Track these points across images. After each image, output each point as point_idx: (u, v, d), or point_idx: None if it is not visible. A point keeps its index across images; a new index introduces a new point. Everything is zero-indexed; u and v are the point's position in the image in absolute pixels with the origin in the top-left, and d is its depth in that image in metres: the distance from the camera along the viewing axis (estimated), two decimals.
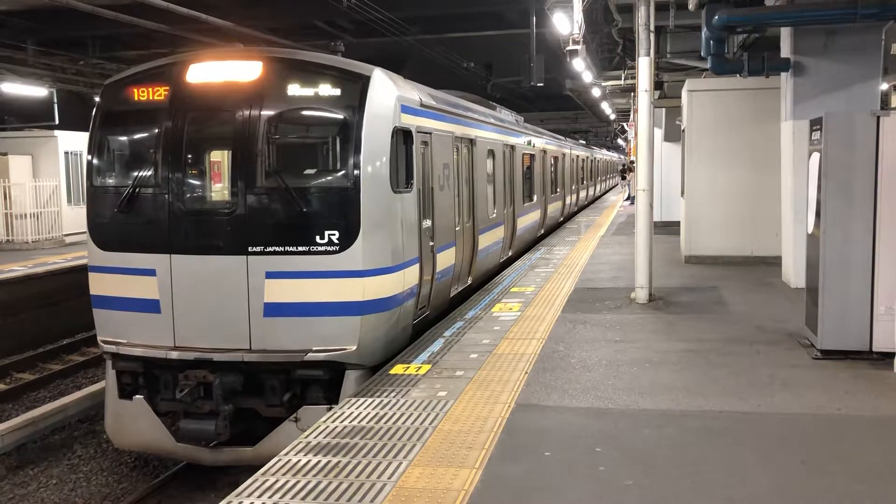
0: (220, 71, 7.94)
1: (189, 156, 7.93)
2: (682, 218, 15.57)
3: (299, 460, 5.28)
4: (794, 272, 11.47)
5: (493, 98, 20.58)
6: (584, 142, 45.24)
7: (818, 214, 7.77)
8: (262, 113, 7.71)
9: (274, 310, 7.60)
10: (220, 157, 8.13)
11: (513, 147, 15.45)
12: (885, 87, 15.62)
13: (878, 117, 7.47)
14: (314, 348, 7.52)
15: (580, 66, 17.64)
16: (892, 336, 7.32)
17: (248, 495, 4.75)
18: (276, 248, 7.58)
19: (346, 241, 7.52)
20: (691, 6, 11.60)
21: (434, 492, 4.73)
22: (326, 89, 7.77)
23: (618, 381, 7.01)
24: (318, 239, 7.54)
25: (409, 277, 8.35)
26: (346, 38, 20.08)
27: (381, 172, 7.76)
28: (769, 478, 4.91)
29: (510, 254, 15.26)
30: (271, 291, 7.58)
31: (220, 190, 8.02)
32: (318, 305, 7.58)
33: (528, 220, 17.57)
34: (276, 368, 7.63)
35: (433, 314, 9.64)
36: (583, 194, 32.91)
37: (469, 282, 11.65)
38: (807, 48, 11.48)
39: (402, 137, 8.24)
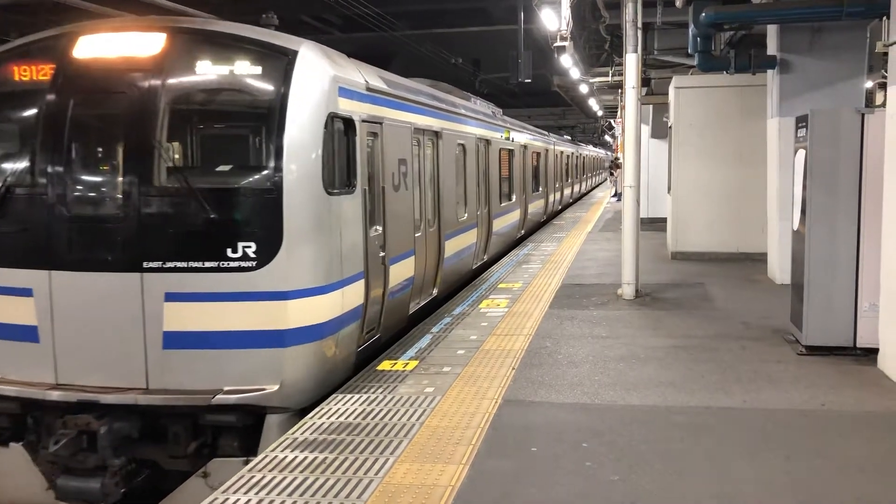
0: (115, 45, 6.51)
1: (73, 149, 6.46)
2: (669, 214, 15.63)
3: (286, 456, 5.26)
4: (779, 268, 11.53)
5: (480, 94, 20.52)
6: (568, 137, 44.01)
7: (803, 211, 7.82)
8: (162, 96, 6.33)
9: (175, 340, 6.21)
10: (111, 151, 6.64)
11: (488, 142, 14.11)
12: (869, 84, 15.72)
13: (863, 115, 7.52)
14: (226, 388, 6.14)
15: (568, 63, 17.65)
16: (875, 332, 7.38)
17: (234, 492, 4.74)
18: (178, 264, 6.19)
19: (266, 255, 6.15)
20: (678, 3, 11.63)
21: (421, 488, 4.73)
22: (243, 67, 6.41)
23: (604, 377, 7.03)
24: (230, 252, 6.15)
25: (350, 297, 6.95)
26: (334, 33, 20.05)
27: (311, 170, 6.36)
28: (754, 472, 4.94)
29: (485, 258, 14.02)
30: (172, 318, 6.19)
31: (110, 191, 6.45)
32: (231, 335, 6.19)
33: (506, 221, 16.18)
34: (179, 412, 6.25)
35: (386, 336, 8.25)
36: (567, 192, 31.55)
37: (434, 293, 10.33)
38: (793, 46, 11.55)
39: (341, 127, 6.92)
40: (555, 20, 13.95)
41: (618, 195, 31.45)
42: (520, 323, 9.24)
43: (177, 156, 6.65)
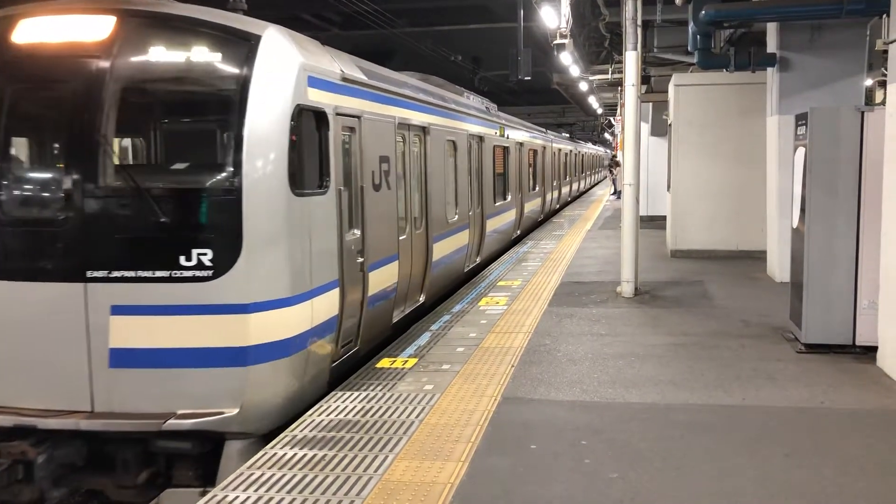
0: (59, 29, 5.89)
1: (9, 143, 5.95)
2: (668, 212, 15.63)
3: (285, 453, 5.26)
4: (778, 266, 11.54)
5: (480, 91, 20.51)
6: (567, 134, 42.91)
7: (803, 209, 7.82)
8: (110, 86, 5.72)
9: (124, 358, 5.65)
10: (52, 147, 6.14)
11: (481, 138, 13.43)
12: (869, 82, 15.71)
13: (863, 113, 7.52)
14: (179, 412, 5.61)
15: (567, 60, 17.65)
16: (875, 330, 7.38)
17: (234, 489, 4.74)
18: (127, 273, 5.60)
19: (223, 264, 5.57)
20: (678, 1, 11.65)
21: (420, 485, 4.73)
22: (200, 53, 5.84)
23: (604, 375, 7.03)
24: (183, 260, 5.58)
25: (322, 308, 6.35)
26: (333, 30, 20.04)
27: (275, 168, 5.74)
28: (753, 470, 4.94)
29: (478, 261, 13.35)
30: (120, 333, 5.63)
31: (50, 191, 5.84)
32: (185, 353, 5.64)
33: (501, 221, 15.46)
34: (129, 438, 5.71)
35: (366, 349, 7.66)
36: (566, 190, 30.80)
37: (421, 300, 9.68)
38: (793, 43, 11.54)
39: (312, 121, 6.34)
40: (554, 18, 13.95)
41: (617, 193, 31.49)
42: (519, 321, 9.24)
43: (125, 152, 6.15)
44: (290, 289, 5.91)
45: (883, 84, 11.27)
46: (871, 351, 7.42)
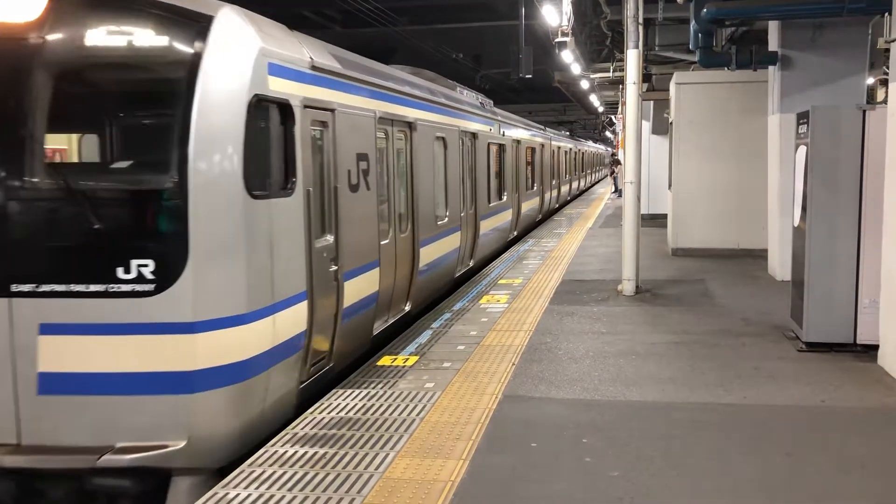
0: None
1: None
2: (670, 210, 15.62)
3: (286, 451, 5.27)
4: (779, 265, 11.53)
5: (481, 90, 20.49)
6: (567, 132, 41.95)
7: (804, 208, 7.82)
8: (39, 72, 5.09)
9: (54, 384, 5.01)
10: None
11: (475, 135, 12.78)
12: (871, 81, 15.70)
13: (864, 111, 7.52)
14: (118, 445, 4.99)
15: (569, 58, 17.65)
16: (876, 328, 7.38)
17: (235, 486, 4.74)
18: (57, 287, 4.96)
19: (167, 276, 4.95)
20: None
21: (421, 483, 4.74)
22: (144, 36, 5.16)
23: (604, 373, 7.03)
24: (121, 273, 4.94)
25: (286, 324, 5.72)
26: (334, 28, 20.04)
27: (228, 166, 5.12)
28: (754, 469, 4.94)
29: (471, 264, 12.67)
30: (49, 355, 4.99)
31: None
32: (124, 378, 5.00)
33: (496, 222, 14.75)
34: (60, 474, 5.06)
35: (342, 365, 7.09)
36: (565, 189, 29.99)
37: (406, 309, 9.06)
38: (794, 42, 11.53)
39: (275, 113, 5.71)
40: (556, 16, 13.96)
41: (618, 191, 31.50)
42: (520, 319, 9.24)
43: (56, 148, 5.49)
44: (247, 304, 5.24)
45: (884, 83, 11.27)
46: (872, 349, 7.42)
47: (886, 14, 7.57)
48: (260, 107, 5.45)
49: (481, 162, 13.30)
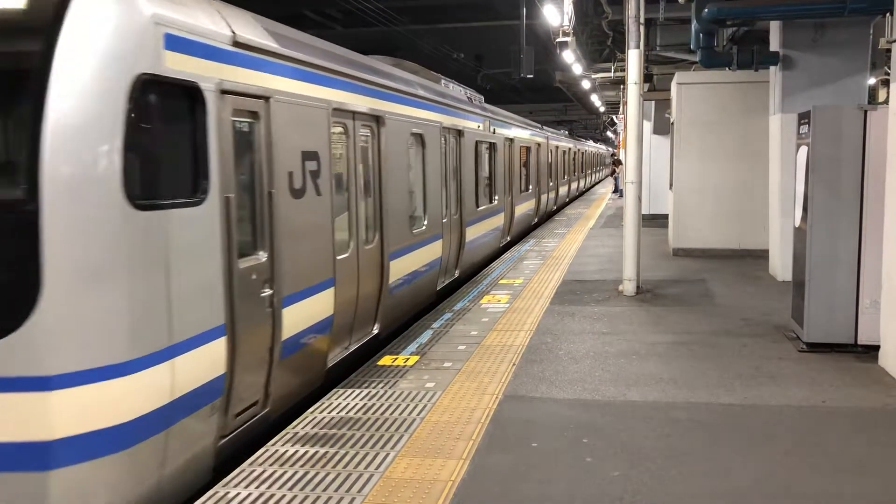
0: None
1: None
2: (671, 211, 15.62)
3: (286, 450, 5.27)
4: (780, 265, 11.53)
5: (482, 90, 20.47)
6: (565, 131, 40.18)
7: (805, 208, 7.81)
8: None
9: None
10: None
11: (461, 132, 11.75)
12: (872, 81, 15.70)
13: (866, 111, 7.51)
14: None
15: (570, 58, 17.68)
16: (877, 329, 7.38)
17: (235, 485, 4.74)
18: None
19: (13, 316, 3.87)
20: None
21: (421, 482, 4.74)
22: None
23: (605, 373, 7.03)
24: None
25: (195, 369, 4.62)
26: (335, 27, 20.05)
27: (100, 167, 4.02)
28: (755, 469, 4.94)
29: (456, 274, 11.68)
30: None
31: None
32: None
33: (486, 227, 13.70)
34: None
35: (282, 408, 6.00)
36: (564, 190, 28.98)
37: (375, 331, 7.97)
38: (796, 42, 11.53)
39: (177, 99, 4.62)
40: (557, 16, 13.97)
41: (619, 191, 31.51)
42: (521, 319, 9.24)
43: None
44: (129, 348, 4.09)
45: (886, 83, 11.27)
46: (872, 350, 7.41)
47: (888, 14, 7.56)
48: (150, 90, 4.28)
49: (468, 162, 12.32)
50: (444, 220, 10.71)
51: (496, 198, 14.72)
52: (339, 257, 6.83)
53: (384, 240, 8.10)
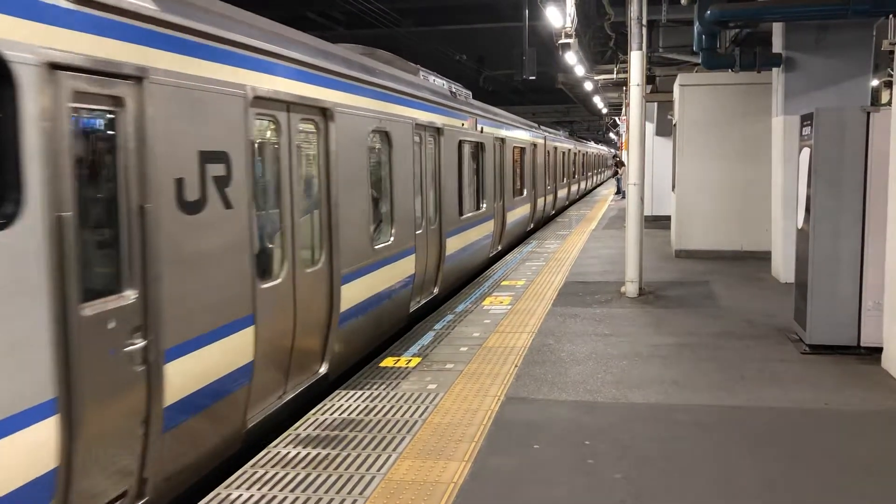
0: None
1: None
2: (673, 212, 15.61)
3: (288, 452, 5.27)
4: (783, 267, 11.51)
5: (484, 91, 20.47)
6: (565, 132, 37.61)
7: (808, 210, 7.80)
8: None
9: None
10: None
11: (439, 130, 10.39)
12: (875, 83, 15.69)
13: (868, 113, 7.50)
14: None
15: (572, 60, 17.65)
16: (880, 331, 7.36)
17: (237, 487, 4.74)
18: None
19: None
20: (684, 1, 11.62)
21: (423, 484, 4.73)
22: None
23: (607, 375, 7.02)
24: None
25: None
26: (338, 29, 20.07)
27: None
28: (757, 471, 4.93)
29: (435, 291, 10.38)
30: None
31: None
32: None
33: (472, 237, 12.36)
34: None
35: (176, 492, 4.74)
36: (563, 194, 27.50)
37: (322, 371, 6.70)
38: (798, 44, 11.52)
39: None
40: (559, 17, 13.95)
41: (621, 193, 31.51)
42: (523, 320, 9.23)
43: None
44: None
45: (889, 84, 11.26)
46: (875, 352, 7.40)
47: (891, 16, 7.58)
48: None
49: (449, 164, 10.95)
50: (418, 232, 9.41)
51: (484, 204, 13.48)
52: (262, 286, 5.52)
53: (333, 260, 6.67)
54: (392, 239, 8.43)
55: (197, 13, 4.86)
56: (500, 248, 15.35)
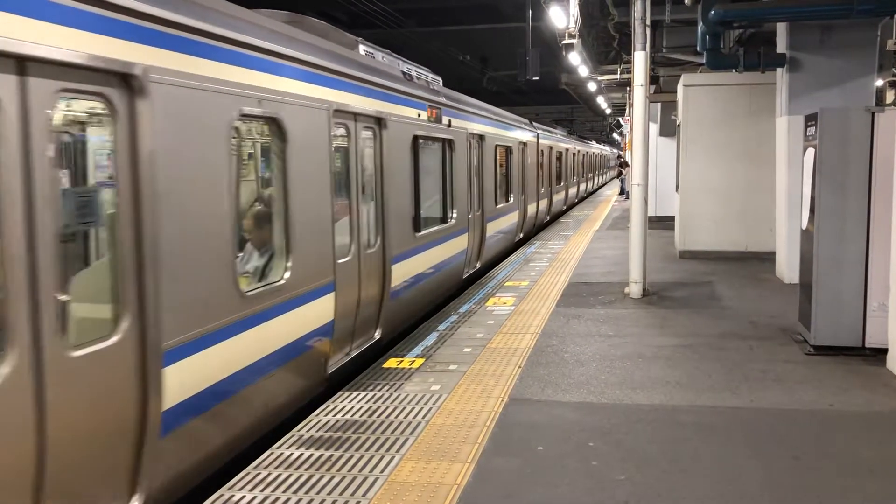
0: None
1: None
2: (677, 213, 15.59)
3: (291, 453, 5.26)
4: (787, 268, 11.49)
5: (488, 92, 20.45)
6: (560, 129, 31.62)
7: (812, 210, 7.78)
8: None
9: None
10: None
11: (381, 121, 7.96)
12: (879, 83, 15.64)
13: (873, 113, 7.48)
14: None
15: (576, 61, 17.65)
16: (885, 332, 7.34)
17: (240, 488, 4.73)
18: None
19: None
20: (687, 1, 11.60)
21: (426, 486, 4.72)
22: None
23: (611, 376, 7.01)
24: None
25: None
26: (340, 29, 20.10)
27: None
28: (761, 473, 4.91)
29: (377, 336, 7.90)
30: None
31: None
32: None
33: (435, 258, 9.95)
34: None
35: None
36: (559, 197, 24.87)
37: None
38: (802, 44, 11.50)
39: None
40: (563, 17, 13.95)
41: (625, 193, 31.49)
42: (526, 321, 9.22)
43: None
44: None
45: (894, 84, 11.21)
46: (880, 353, 7.38)
47: (895, 16, 7.55)
48: None
49: (396, 165, 8.41)
50: (345, 260, 7.00)
51: (454, 215, 11.04)
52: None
53: (148, 327, 4.25)
54: (301, 272, 6.08)
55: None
56: (478, 265, 12.88)
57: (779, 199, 12.25)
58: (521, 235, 17.60)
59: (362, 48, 8.57)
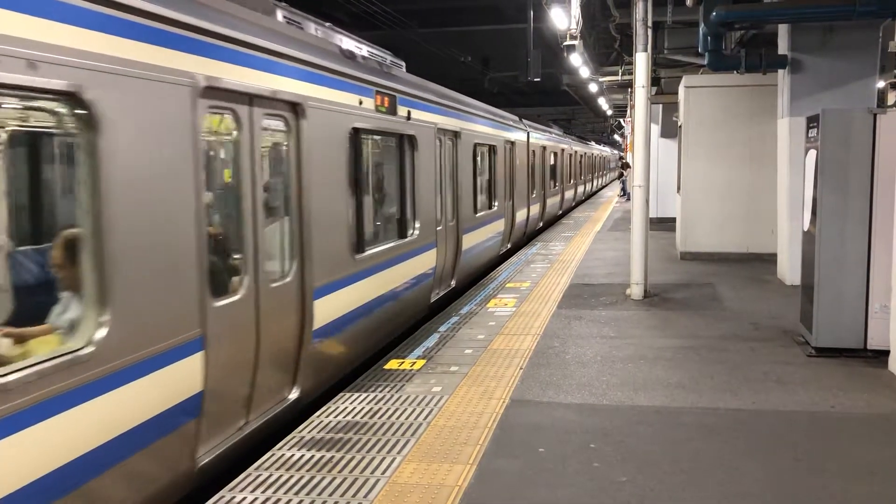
0: None
1: None
2: (678, 214, 15.59)
3: (292, 455, 5.26)
4: (789, 269, 11.48)
5: (489, 93, 20.44)
6: (556, 127, 30.18)
7: (814, 212, 7.78)
8: None
9: None
10: None
11: (295, 107, 6.14)
12: (881, 84, 15.65)
13: (875, 115, 7.47)
14: None
15: (577, 62, 17.66)
16: (886, 334, 7.33)
17: (241, 490, 4.73)
18: None
19: None
20: (689, 2, 11.61)
21: (428, 487, 4.72)
22: None
23: (612, 378, 7.01)
24: None
25: None
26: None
27: None
28: (763, 474, 4.91)
29: (294, 393, 6.18)
30: None
31: None
32: None
33: (389, 283, 8.23)
34: None
35: None
36: (554, 201, 23.15)
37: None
38: (804, 45, 11.49)
39: None
40: (564, 19, 13.96)
41: (626, 194, 31.48)
42: (528, 322, 9.22)
43: None
44: None
45: (895, 86, 11.21)
46: (882, 355, 7.37)
47: None
48: None
49: (323, 168, 6.59)
50: (287, 277, 6.06)
51: (415, 228, 9.24)
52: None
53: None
54: (184, 313, 4.65)
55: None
56: (452, 284, 11.16)
57: (780, 200, 12.25)
58: (509, 246, 15.90)
59: (281, 14, 6.86)
